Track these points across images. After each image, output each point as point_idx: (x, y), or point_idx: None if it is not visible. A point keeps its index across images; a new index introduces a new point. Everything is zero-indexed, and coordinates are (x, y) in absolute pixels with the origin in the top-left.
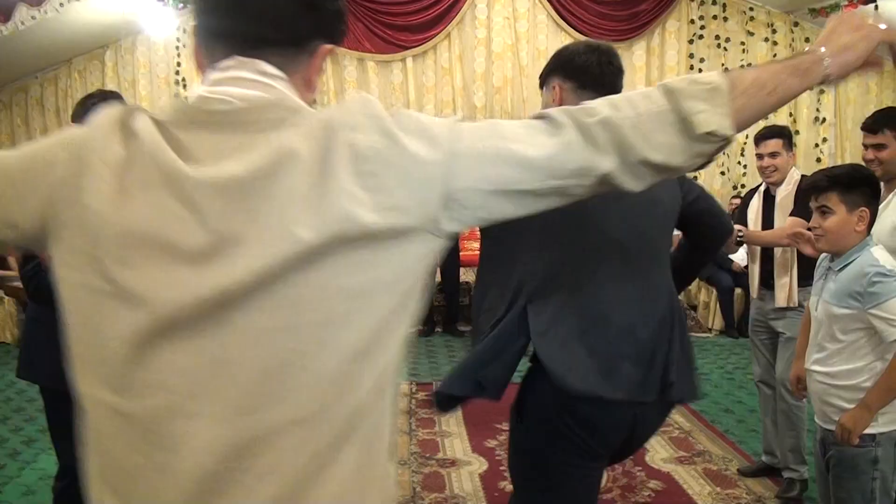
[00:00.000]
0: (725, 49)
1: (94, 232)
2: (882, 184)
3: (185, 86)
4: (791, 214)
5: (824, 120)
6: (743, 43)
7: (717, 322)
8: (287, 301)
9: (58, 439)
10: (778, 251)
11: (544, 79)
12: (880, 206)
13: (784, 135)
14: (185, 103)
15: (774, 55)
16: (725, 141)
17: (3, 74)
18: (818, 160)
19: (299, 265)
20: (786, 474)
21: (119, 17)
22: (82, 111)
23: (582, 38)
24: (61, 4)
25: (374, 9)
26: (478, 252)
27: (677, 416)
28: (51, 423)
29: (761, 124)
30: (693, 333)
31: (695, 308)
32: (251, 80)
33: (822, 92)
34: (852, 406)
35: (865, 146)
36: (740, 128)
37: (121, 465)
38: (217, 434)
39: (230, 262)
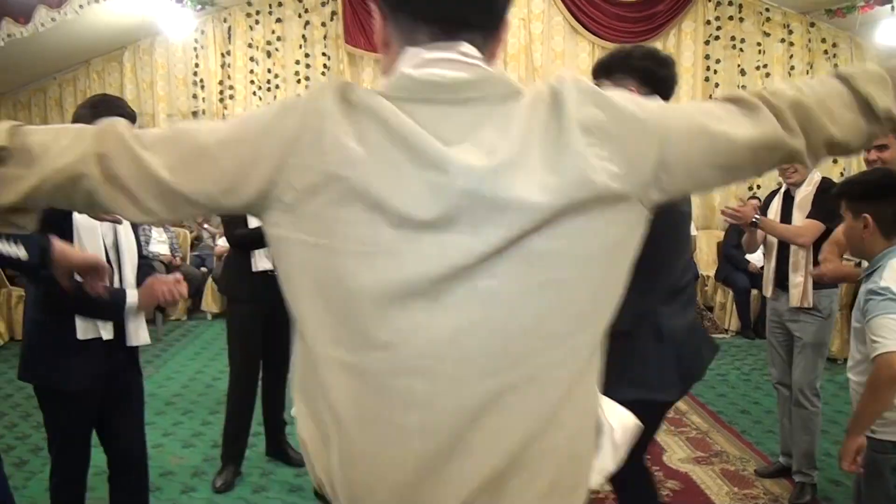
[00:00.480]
0: (741, 50)
1: (338, 193)
2: None
3: (202, 86)
4: (808, 216)
5: None
6: (759, 44)
7: (733, 323)
8: (524, 268)
9: (51, 439)
10: (793, 251)
11: (610, 75)
12: None
13: None
14: (405, 80)
15: (791, 56)
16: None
17: (22, 75)
18: (834, 161)
19: (537, 232)
20: (797, 478)
21: (138, 18)
22: (86, 113)
23: (598, 40)
24: (81, 6)
25: None
26: None
27: (694, 417)
28: (45, 423)
29: None
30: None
31: (711, 309)
32: (460, 61)
33: None
34: None
35: (867, 149)
36: None
37: (349, 420)
38: (458, 395)
39: (473, 231)
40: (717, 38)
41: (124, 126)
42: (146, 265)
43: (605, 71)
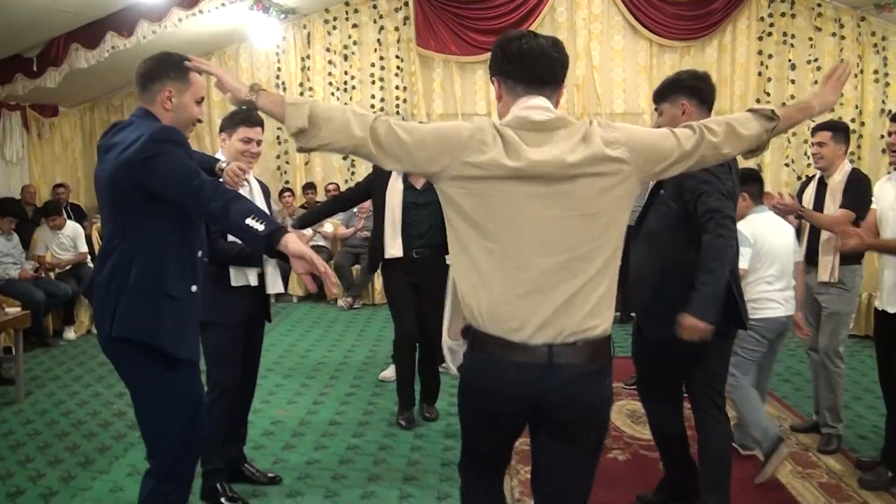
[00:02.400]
0: (792, 45)
1: (489, 169)
2: None
3: (284, 88)
4: (841, 205)
5: (890, 111)
6: (811, 39)
7: None
8: (572, 196)
9: (209, 374)
10: (823, 233)
11: (665, 98)
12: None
13: (833, 128)
14: (518, 119)
15: (841, 50)
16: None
17: (116, 81)
18: (883, 151)
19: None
20: (824, 430)
21: (226, 27)
22: (229, 124)
23: (657, 38)
24: (180, 20)
25: (460, 14)
26: None
27: None
28: (206, 354)
29: (821, 117)
30: None
31: None
32: (542, 107)
33: (887, 85)
34: None
35: (890, 133)
36: None
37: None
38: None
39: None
40: (769, 34)
41: (388, 119)
42: None
43: (660, 97)
